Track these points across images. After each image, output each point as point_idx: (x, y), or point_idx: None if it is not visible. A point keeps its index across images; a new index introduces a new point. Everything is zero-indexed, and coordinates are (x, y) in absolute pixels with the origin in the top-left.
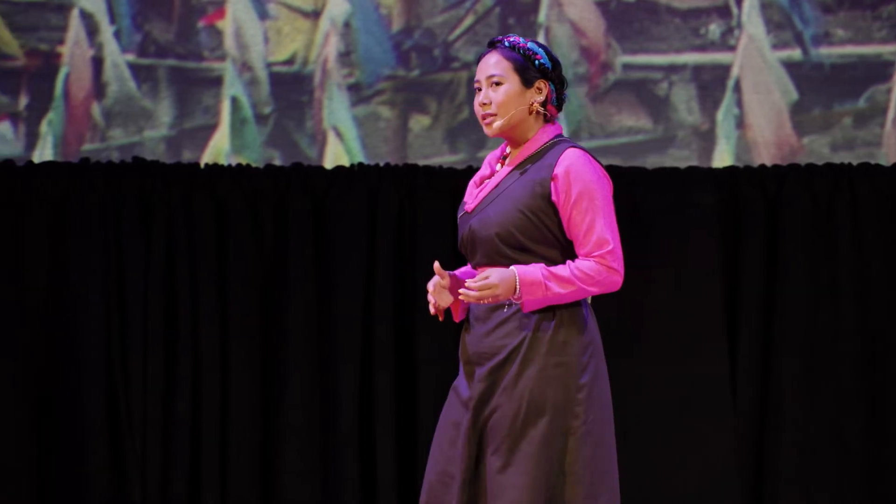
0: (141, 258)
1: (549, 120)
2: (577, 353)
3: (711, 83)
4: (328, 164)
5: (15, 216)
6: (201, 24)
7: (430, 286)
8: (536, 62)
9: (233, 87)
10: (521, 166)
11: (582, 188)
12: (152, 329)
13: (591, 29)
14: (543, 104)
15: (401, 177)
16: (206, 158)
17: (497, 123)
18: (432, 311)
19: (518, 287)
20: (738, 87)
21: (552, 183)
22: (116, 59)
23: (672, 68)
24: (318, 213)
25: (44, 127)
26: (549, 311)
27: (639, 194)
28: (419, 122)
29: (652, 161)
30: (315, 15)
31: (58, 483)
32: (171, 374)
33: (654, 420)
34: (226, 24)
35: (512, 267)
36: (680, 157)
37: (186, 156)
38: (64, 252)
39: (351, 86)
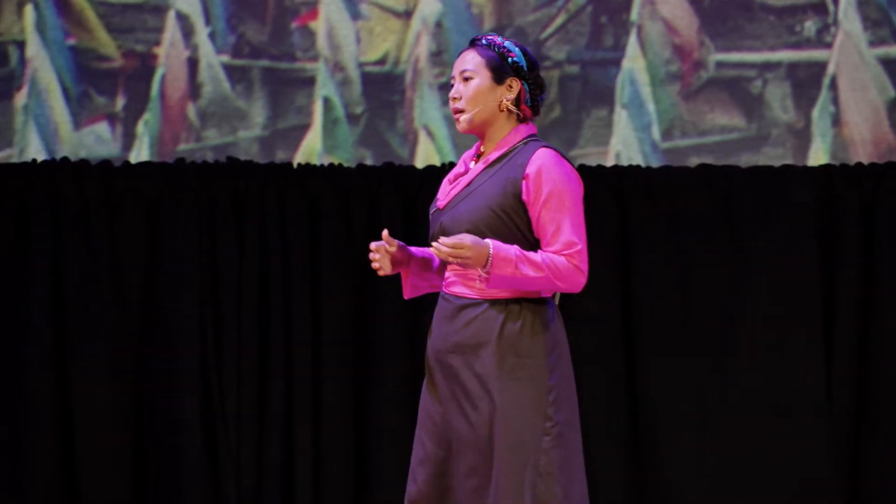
0: (234, 257)
1: (522, 120)
2: (543, 355)
3: (806, 81)
4: (419, 163)
5: (112, 216)
6: (294, 24)
7: (373, 245)
8: (510, 59)
9: (325, 87)
10: (494, 165)
11: (552, 188)
12: (246, 328)
13: (683, 27)
14: (516, 103)
15: None
16: (299, 158)
17: (464, 117)
18: (375, 266)
19: (490, 258)
20: (833, 85)
21: (523, 182)
22: (211, 60)
23: (766, 66)
24: (410, 212)
25: (140, 127)
26: (516, 311)
27: (732, 193)
28: None
29: (746, 160)
30: (407, 15)
31: (154, 483)
32: (264, 373)
33: (750, 422)
34: (318, 25)
35: (488, 238)
36: (774, 156)
37: (279, 156)
38: (159, 251)
39: (442, 85)
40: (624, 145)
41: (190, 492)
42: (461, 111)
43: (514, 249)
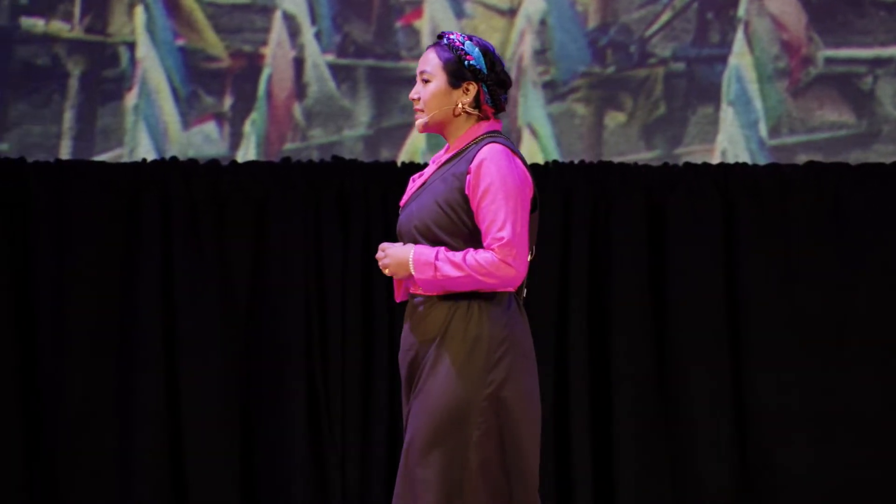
0: (339, 256)
1: (483, 118)
2: (486, 349)
3: None
4: None
5: (219, 214)
6: (399, 24)
7: (384, 245)
8: (467, 63)
9: None
10: (447, 163)
11: (491, 181)
12: (351, 325)
13: (792, 23)
14: (476, 105)
15: (595, 174)
16: (404, 157)
17: (421, 120)
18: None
19: (411, 265)
20: None
21: (467, 176)
22: (317, 59)
23: (877, 62)
24: None
25: (247, 127)
26: (465, 305)
27: (841, 191)
28: (614, 118)
29: (855, 157)
30: (511, 13)
31: (261, 480)
32: (369, 370)
33: (860, 423)
34: (423, 24)
35: (409, 244)
36: (885, 153)
37: (384, 155)
38: (265, 250)
39: (546, 83)
40: (730, 143)
41: (295, 488)
42: (420, 112)
43: (434, 251)
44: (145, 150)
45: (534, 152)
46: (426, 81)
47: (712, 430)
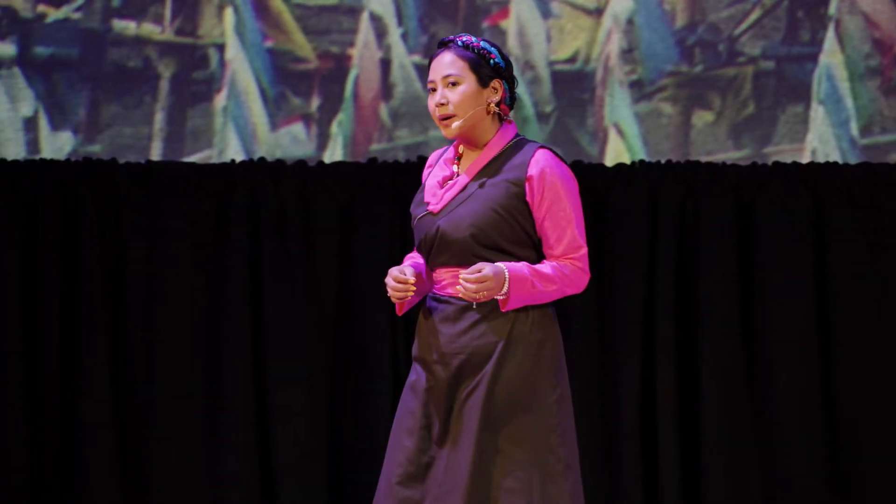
0: None
1: (503, 119)
2: (551, 353)
3: None
4: (609, 161)
5: (306, 215)
6: (485, 24)
7: (401, 281)
8: (491, 61)
9: None
10: (489, 167)
11: (556, 191)
12: None
13: (884, 20)
14: (498, 104)
15: (682, 174)
16: None
17: (456, 124)
18: (398, 303)
19: (507, 282)
20: None
21: (527, 183)
22: (403, 60)
23: None
24: (599, 210)
25: (334, 128)
26: (524, 312)
27: None
28: (702, 118)
29: None
30: (598, 12)
31: (347, 479)
32: None
33: None
34: (509, 24)
35: (499, 263)
36: None
37: None
38: (352, 249)
39: (633, 83)
40: (820, 142)
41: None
42: (451, 116)
43: (525, 266)
44: (234, 152)
45: (620, 152)
46: (454, 84)
47: (802, 432)
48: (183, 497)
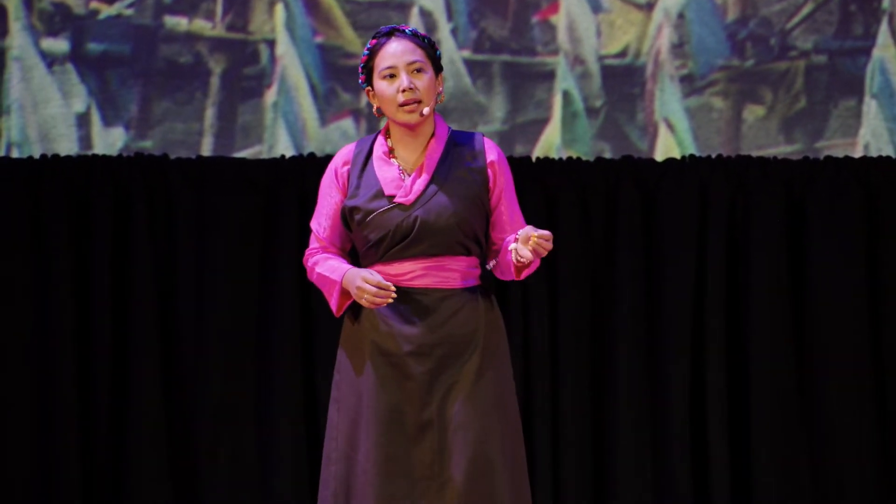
0: None
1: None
2: (505, 337)
3: None
4: (659, 156)
5: None
6: (535, 19)
7: (378, 290)
8: (438, 52)
9: (565, 80)
10: (447, 156)
11: (507, 175)
12: None
13: None
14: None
15: (733, 169)
16: (538, 152)
17: (426, 110)
18: (373, 306)
19: None
20: None
21: (489, 169)
22: (453, 55)
23: None
24: (648, 206)
25: (382, 123)
26: (487, 298)
27: None
28: (753, 112)
29: None
30: (648, 7)
31: None
32: None
33: None
34: (559, 19)
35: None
36: None
37: (518, 150)
38: None
39: (683, 77)
40: (873, 136)
41: None
42: (419, 103)
43: None
44: (284, 147)
45: (670, 146)
46: (419, 71)
47: (854, 431)
48: (234, 493)
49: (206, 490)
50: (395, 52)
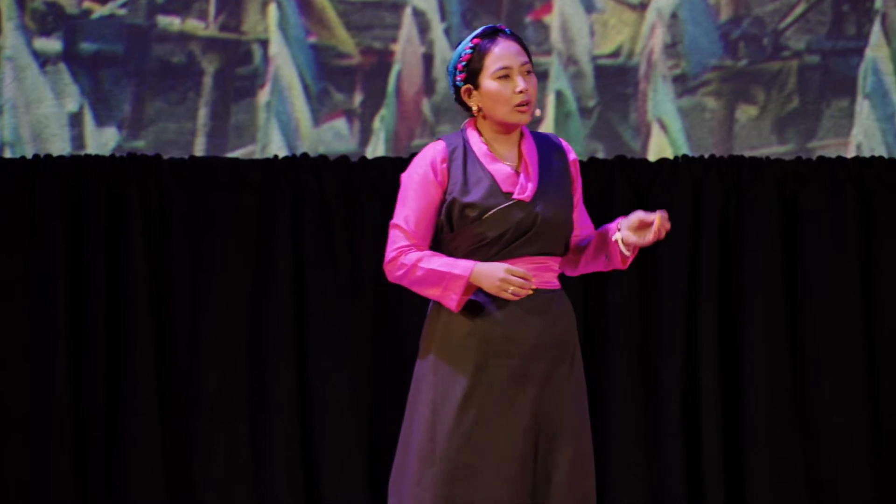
0: None
1: None
2: None
3: None
4: (652, 156)
5: (349, 210)
6: (528, 19)
7: (523, 281)
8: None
9: (558, 80)
10: (541, 154)
11: (580, 172)
12: None
13: None
14: None
15: (726, 169)
16: None
17: (537, 112)
18: (515, 297)
19: None
20: None
21: (571, 167)
22: (446, 55)
23: None
24: (642, 206)
25: (377, 123)
26: (567, 300)
27: None
28: (746, 112)
29: None
30: (642, 7)
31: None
32: None
33: None
34: (552, 19)
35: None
36: None
37: None
38: None
39: (676, 77)
40: (866, 136)
41: None
42: (529, 105)
43: None
44: (277, 147)
45: (663, 147)
46: (528, 73)
47: (847, 430)
48: (227, 491)
49: (200, 489)
50: (509, 52)
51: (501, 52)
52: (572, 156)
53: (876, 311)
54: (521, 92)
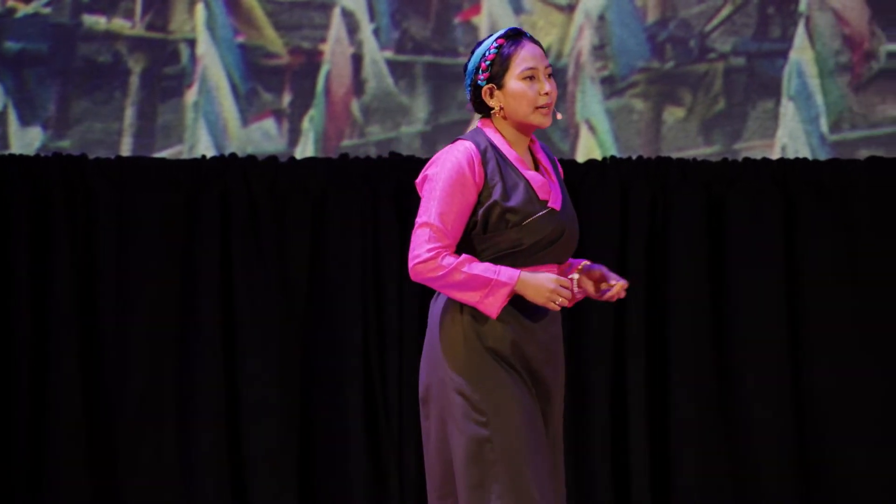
0: (397, 251)
1: None
2: None
3: None
4: (580, 157)
5: (278, 210)
6: (457, 20)
7: (569, 292)
8: None
9: None
10: (549, 160)
11: None
12: (407, 320)
13: (854, 17)
14: None
15: (653, 170)
16: None
17: (558, 115)
18: (566, 304)
19: None
20: None
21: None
22: (375, 56)
23: None
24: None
25: (306, 123)
26: None
27: None
28: (673, 114)
29: None
30: (570, 8)
31: (319, 479)
32: None
33: None
34: (481, 20)
35: None
36: None
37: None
38: (323, 245)
39: (604, 79)
40: (790, 138)
41: (354, 485)
42: (550, 107)
43: None
44: (205, 147)
45: (591, 148)
46: (550, 76)
47: (771, 427)
48: (153, 493)
49: (125, 490)
50: (535, 54)
51: (527, 54)
52: (560, 166)
53: (800, 310)
54: (546, 94)
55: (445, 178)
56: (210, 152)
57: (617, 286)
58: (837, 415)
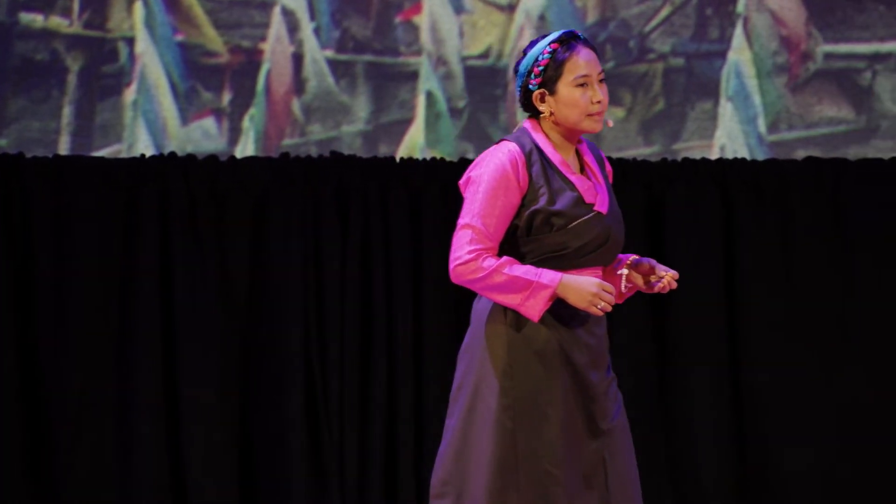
0: (338, 251)
1: None
2: None
3: None
4: None
5: (218, 210)
6: (398, 19)
7: (612, 297)
8: None
9: (428, 81)
10: (596, 162)
11: None
12: (349, 321)
13: (791, 18)
14: None
15: None
16: (402, 152)
17: (610, 121)
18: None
19: None
20: None
21: (610, 178)
22: (316, 55)
23: (876, 57)
24: None
25: (246, 122)
26: None
27: (840, 187)
28: (613, 114)
29: (854, 152)
30: (510, 8)
31: (259, 479)
32: (367, 367)
33: (859, 420)
34: (422, 20)
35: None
36: (884, 148)
37: (382, 150)
38: (264, 245)
39: None
40: (729, 138)
41: (294, 486)
42: (601, 114)
43: None
44: (144, 146)
45: None
46: (602, 82)
47: (711, 428)
48: (92, 495)
49: (63, 491)
50: (590, 61)
51: (581, 60)
52: (609, 166)
53: (738, 308)
54: (598, 102)
55: (488, 180)
56: (149, 151)
57: (667, 277)
58: (776, 412)
